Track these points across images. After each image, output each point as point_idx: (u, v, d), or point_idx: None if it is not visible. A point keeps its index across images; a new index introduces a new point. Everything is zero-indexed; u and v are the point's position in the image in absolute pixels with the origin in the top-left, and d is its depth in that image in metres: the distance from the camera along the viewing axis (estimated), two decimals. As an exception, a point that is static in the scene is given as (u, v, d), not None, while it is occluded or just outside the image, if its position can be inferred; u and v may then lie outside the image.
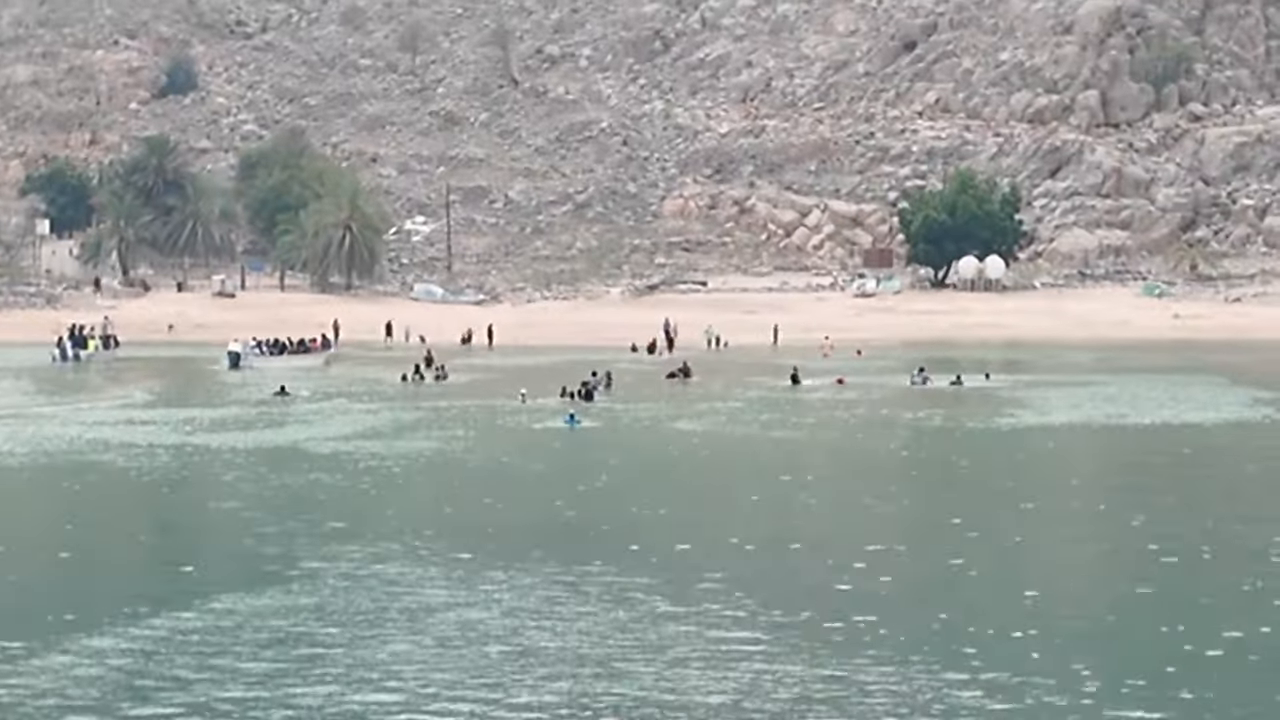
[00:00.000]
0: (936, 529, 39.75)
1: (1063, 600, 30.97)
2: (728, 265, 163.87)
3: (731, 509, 42.34)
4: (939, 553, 35.94)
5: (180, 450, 54.71)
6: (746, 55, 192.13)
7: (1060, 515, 42.31)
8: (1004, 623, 28.21)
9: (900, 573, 33.62)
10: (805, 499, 45.02)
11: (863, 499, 44.88)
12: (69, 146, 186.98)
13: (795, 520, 40.93)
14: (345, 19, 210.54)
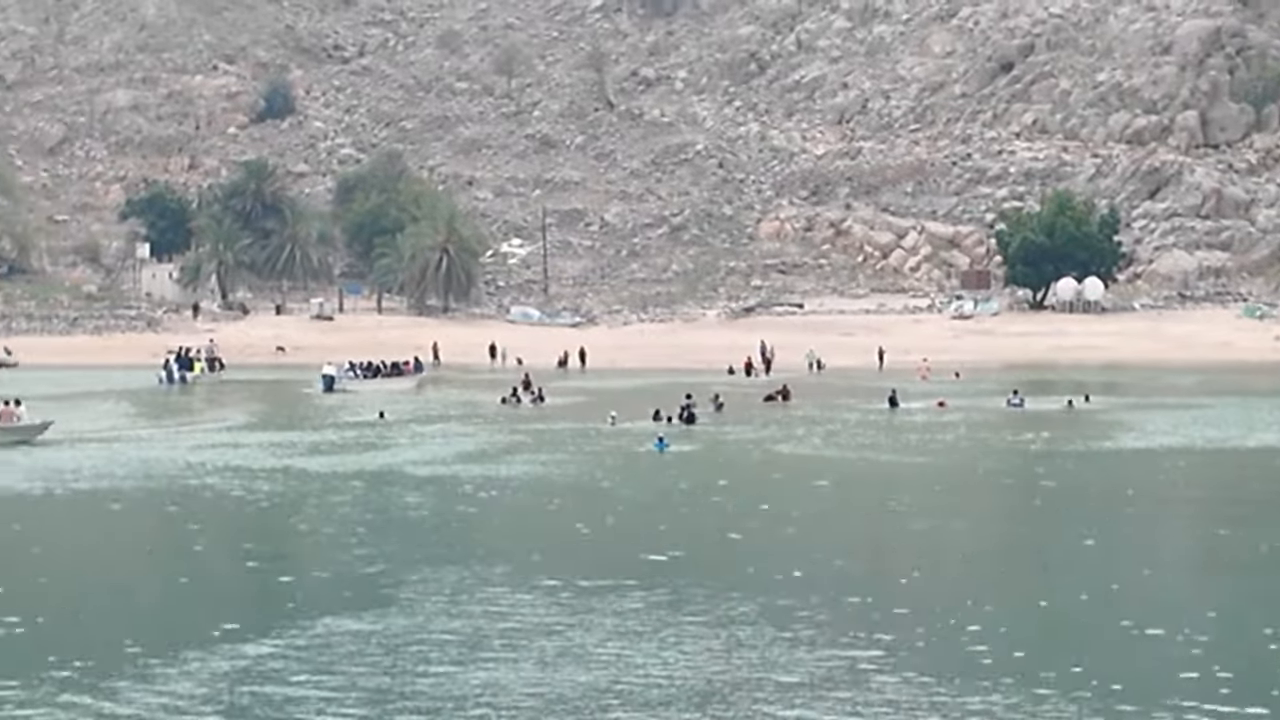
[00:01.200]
0: (1043, 555, 39.30)
1: (1191, 630, 30.41)
2: (824, 287, 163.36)
3: (832, 533, 42.01)
4: (1046, 580, 35.52)
5: (280, 473, 54.85)
6: (842, 77, 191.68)
7: (1178, 542, 41.77)
8: (1133, 658, 27.80)
9: (1010, 601, 33.24)
10: (907, 523, 44.60)
11: (967, 524, 44.43)
12: (168, 171, 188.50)
13: (897, 545, 40.58)
14: (442, 42, 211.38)
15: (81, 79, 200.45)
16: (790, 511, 46.93)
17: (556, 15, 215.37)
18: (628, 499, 49.45)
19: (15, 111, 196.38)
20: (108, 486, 51.73)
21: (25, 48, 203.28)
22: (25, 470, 55.45)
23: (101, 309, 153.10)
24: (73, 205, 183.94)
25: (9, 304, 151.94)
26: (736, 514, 46.04)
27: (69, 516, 46.38)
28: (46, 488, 51.05)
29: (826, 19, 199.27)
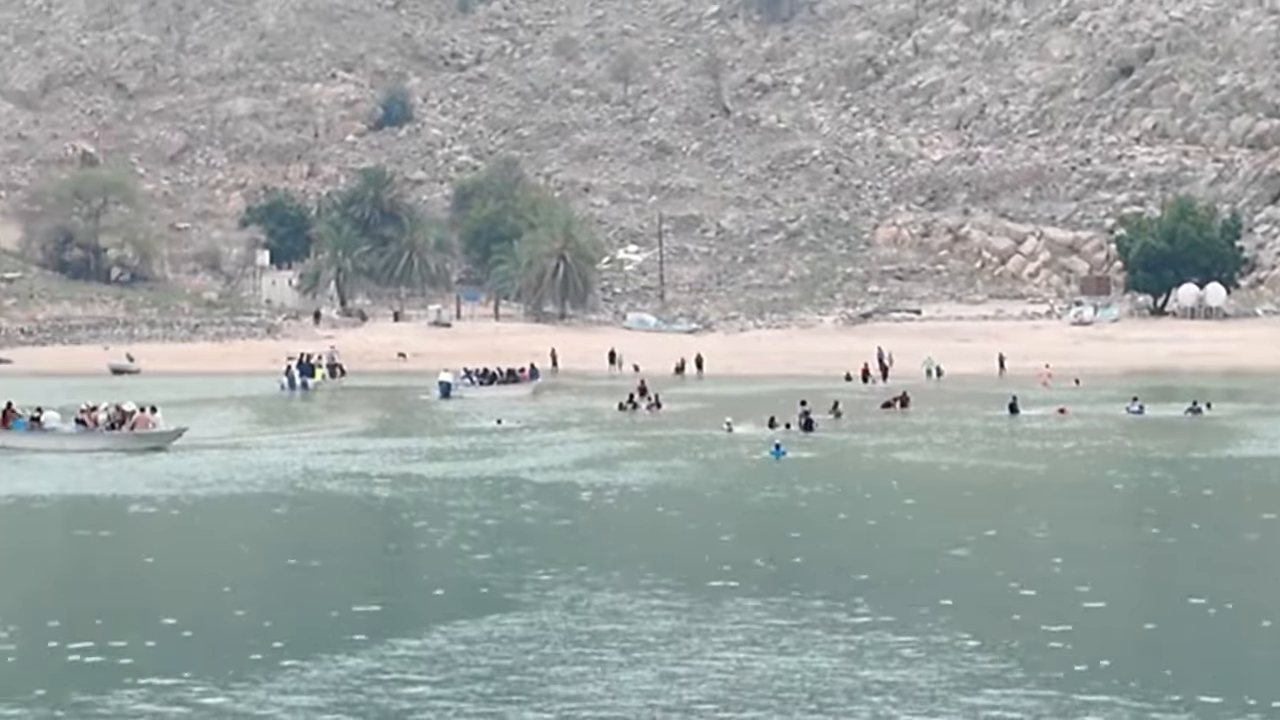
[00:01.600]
0: (1171, 562, 38.83)
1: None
2: (941, 293, 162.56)
3: (952, 541, 41.61)
4: (1175, 587, 35.08)
5: (398, 479, 55.02)
6: (960, 82, 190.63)
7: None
8: (1264, 669, 27.39)
9: (1139, 608, 32.84)
10: (1028, 530, 44.18)
11: (1089, 531, 43.91)
12: (288, 178, 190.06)
13: (1019, 552, 40.17)
14: (558, 50, 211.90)
15: (202, 88, 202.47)
16: (909, 519, 46.61)
17: (673, 22, 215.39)
18: (744, 506, 49.25)
19: (137, 120, 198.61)
20: (229, 492, 52.07)
21: (147, 57, 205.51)
22: (149, 476, 55.90)
23: (222, 316, 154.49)
24: (194, 213, 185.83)
25: (131, 311, 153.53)
26: (854, 521, 45.77)
27: (191, 522, 46.68)
28: (169, 494, 51.41)
29: (944, 24, 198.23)
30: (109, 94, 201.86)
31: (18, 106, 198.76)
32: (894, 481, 55.39)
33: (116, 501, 50.23)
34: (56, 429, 64.80)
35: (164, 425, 65.29)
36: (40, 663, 28.51)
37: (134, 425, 64.33)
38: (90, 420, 64.75)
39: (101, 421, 64.74)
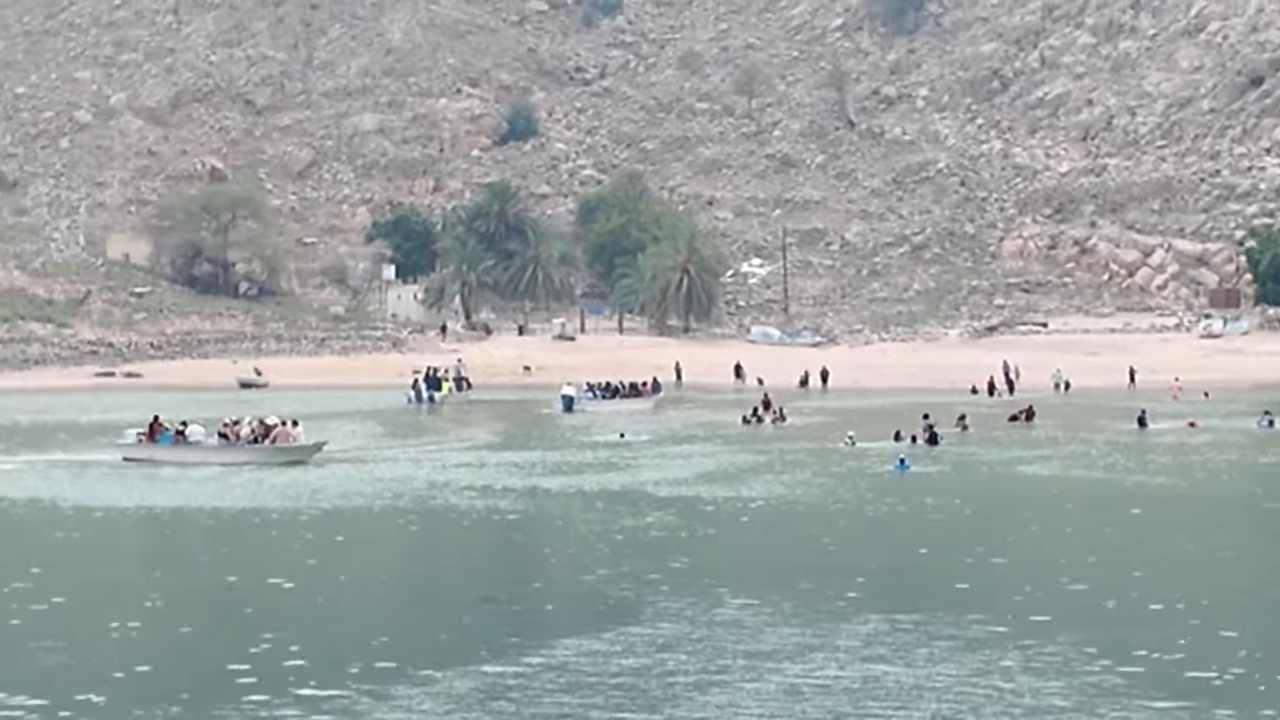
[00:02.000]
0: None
1: None
2: (1068, 306, 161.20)
3: (1080, 556, 41.18)
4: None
5: (522, 493, 55.16)
6: (1087, 93, 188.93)
7: None
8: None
9: (1268, 631, 32.36)
10: (1158, 545, 43.68)
11: (1221, 546, 43.34)
12: (413, 193, 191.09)
13: (1148, 568, 39.66)
14: (682, 63, 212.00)
15: (329, 103, 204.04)
16: (1036, 533, 46.22)
17: (797, 35, 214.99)
18: (868, 520, 48.99)
19: (265, 136, 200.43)
20: (356, 505, 52.36)
21: (275, 73, 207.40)
22: (278, 489, 56.34)
23: (348, 330, 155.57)
24: (320, 228, 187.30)
25: (259, 325, 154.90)
26: (980, 536, 45.40)
27: (319, 535, 46.95)
28: (297, 506, 51.79)
29: (1071, 35, 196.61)
30: (237, 110, 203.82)
31: (148, 123, 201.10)
32: (1020, 495, 54.99)
33: (246, 514, 50.64)
34: (201, 442, 65.52)
35: (305, 439, 65.78)
36: (177, 670, 28.78)
37: (275, 439, 64.91)
38: (233, 434, 65.48)
39: (244, 435, 65.40)
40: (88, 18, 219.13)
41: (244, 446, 64.78)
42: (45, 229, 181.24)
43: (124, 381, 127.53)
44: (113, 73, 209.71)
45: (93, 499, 53.73)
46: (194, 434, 65.97)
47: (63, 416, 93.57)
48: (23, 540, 46.67)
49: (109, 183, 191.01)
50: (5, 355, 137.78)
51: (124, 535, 48.39)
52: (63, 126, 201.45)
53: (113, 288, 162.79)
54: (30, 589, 36.97)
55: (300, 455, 64.22)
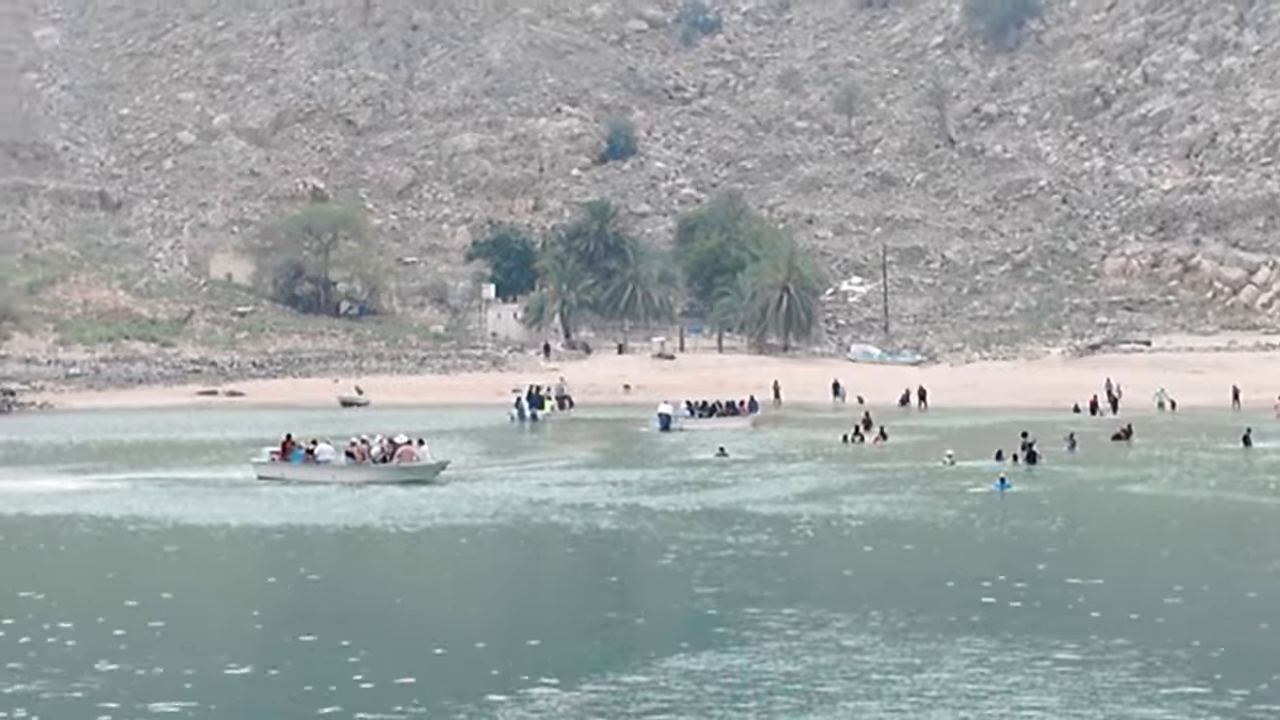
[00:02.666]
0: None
1: None
2: (1171, 324, 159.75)
3: (1185, 576, 40.70)
4: None
5: (621, 511, 55.07)
6: (1190, 110, 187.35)
7: None
8: None
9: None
10: (1265, 566, 43.07)
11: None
12: (513, 213, 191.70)
13: (1254, 589, 39.14)
14: (782, 82, 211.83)
15: (429, 123, 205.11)
16: (1140, 553, 45.74)
17: (897, 53, 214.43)
18: (968, 539, 48.61)
19: (366, 156, 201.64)
20: (457, 523, 52.39)
21: (376, 94, 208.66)
22: (376, 508, 56.52)
23: (448, 348, 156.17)
24: (421, 247, 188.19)
25: (360, 344, 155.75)
26: (1082, 555, 44.98)
27: (424, 551, 47.03)
28: (395, 525, 51.91)
29: (1174, 51, 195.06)
30: (339, 130, 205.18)
31: (250, 144, 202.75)
32: (1123, 515, 54.46)
33: (350, 532, 50.86)
34: (330, 461, 65.86)
35: (429, 458, 65.87)
36: (294, 683, 28.91)
37: (399, 458, 65.12)
38: (359, 453, 65.75)
39: (373, 454, 65.65)
40: (191, 39, 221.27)
41: (370, 465, 65.07)
42: (149, 249, 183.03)
43: (226, 400, 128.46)
44: (216, 94, 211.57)
45: (219, 516, 54.07)
46: (323, 453, 66.40)
47: (192, 435, 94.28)
48: (149, 554, 47.01)
49: (212, 203, 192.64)
50: (110, 374, 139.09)
51: (239, 550, 48.62)
52: (166, 148, 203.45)
53: (215, 307, 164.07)
54: (148, 600, 37.26)
55: (424, 474, 64.34)
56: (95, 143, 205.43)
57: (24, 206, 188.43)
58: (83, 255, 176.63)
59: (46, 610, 36.63)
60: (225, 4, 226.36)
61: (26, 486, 63.83)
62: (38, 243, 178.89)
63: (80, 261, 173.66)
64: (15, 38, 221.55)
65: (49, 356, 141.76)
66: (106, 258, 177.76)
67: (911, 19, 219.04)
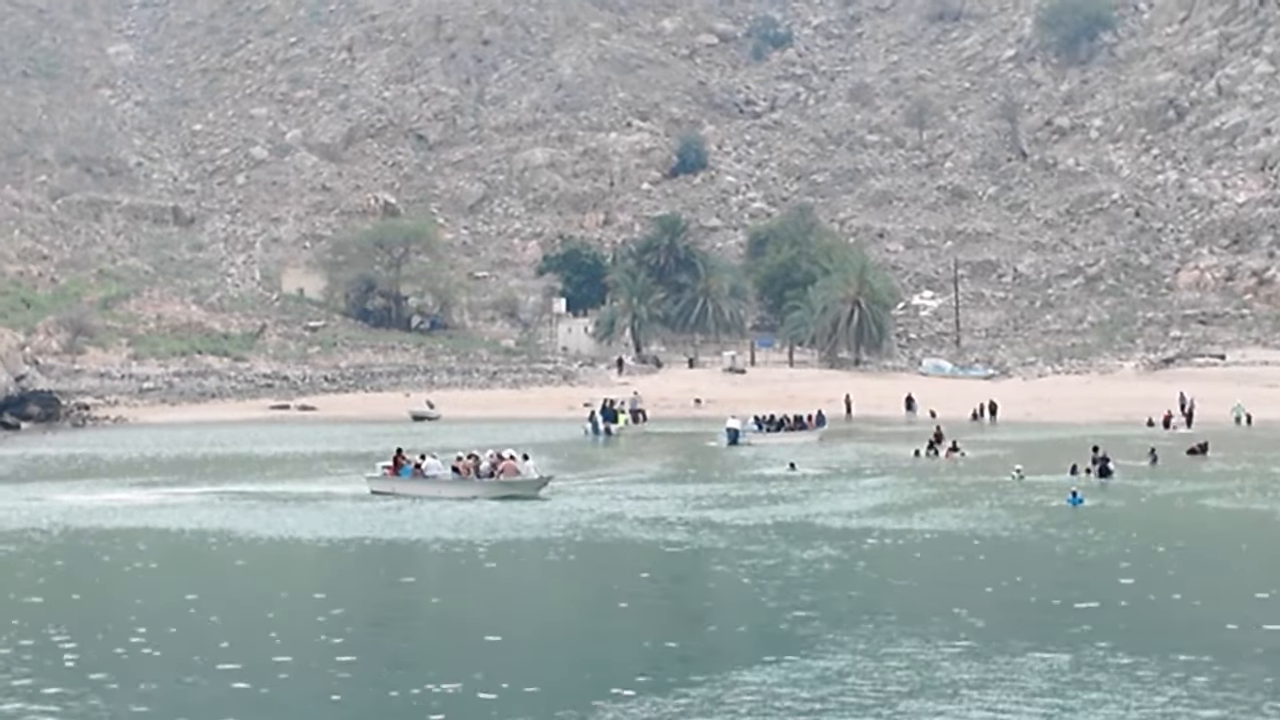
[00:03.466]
0: None
1: None
2: (1246, 338, 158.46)
3: (1267, 592, 40.23)
4: None
5: (693, 524, 54.89)
6: (1265, 122, 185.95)
7: None
8: None
9: None
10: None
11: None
12: (584, 227, 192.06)
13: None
14: (853, 96, 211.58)
15: (500, 138, 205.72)
16: (1220, 566, 45.30)
17: (969, 66, 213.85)
18: (1042, 553, 48.19)
19: (437, 171, 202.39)
20: (516, 539, 52.34)
21: (447, 109, 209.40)
22: (448, 521, 56.53)
23: (519, 363, 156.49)
24: (492, 262, 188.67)
25: (431, 358, 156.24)
26: (1162, 570, 44.54)
27: (499, 564, 46.99)
28: (456, 538, 51.91)
29: (1248, 64, 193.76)
30: (410, 145, 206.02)
31: (322, 159, 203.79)
32: (1202, 529, 53.98)
33: (420, 545, 50.91)
34: (437, 476, 65.82)
35: (533, 473, 65.62)
36: (386, 696, 28.91)
37: (502, 472, 64.98)
38: (464, 468, 65.69)
39: (480, 469, 65.51)
40: (264, 55, 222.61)
41: (474, 481, 64.96)
42: (222, 264, 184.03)
43: (298, 414, 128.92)
44: (288, 109, 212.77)
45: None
46: (430, 468, 66.35)
47: (286, 448, 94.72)
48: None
49: (284, 218, 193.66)
50: (183, 388, 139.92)
51: (338, 562, 48.76)
52: (239, 163, 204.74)
53: (287, 321, 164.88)
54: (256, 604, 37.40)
55: (525, 489, 64.04)
56: (168, 158, 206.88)
57: (98, 222, 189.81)
58: (156, 270, 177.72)
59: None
60: (298, 20, 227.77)
61: (146, 498, 64.54)
62: (112, 258, 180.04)
63: (154, 276, 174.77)
64: (90, 54, 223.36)
65: (123, 371, 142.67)
66: (180, 272, 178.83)
67: (983, 32, 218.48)
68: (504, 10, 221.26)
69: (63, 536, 53.28)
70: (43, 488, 69.90)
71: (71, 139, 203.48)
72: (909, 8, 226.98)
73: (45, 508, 61.11)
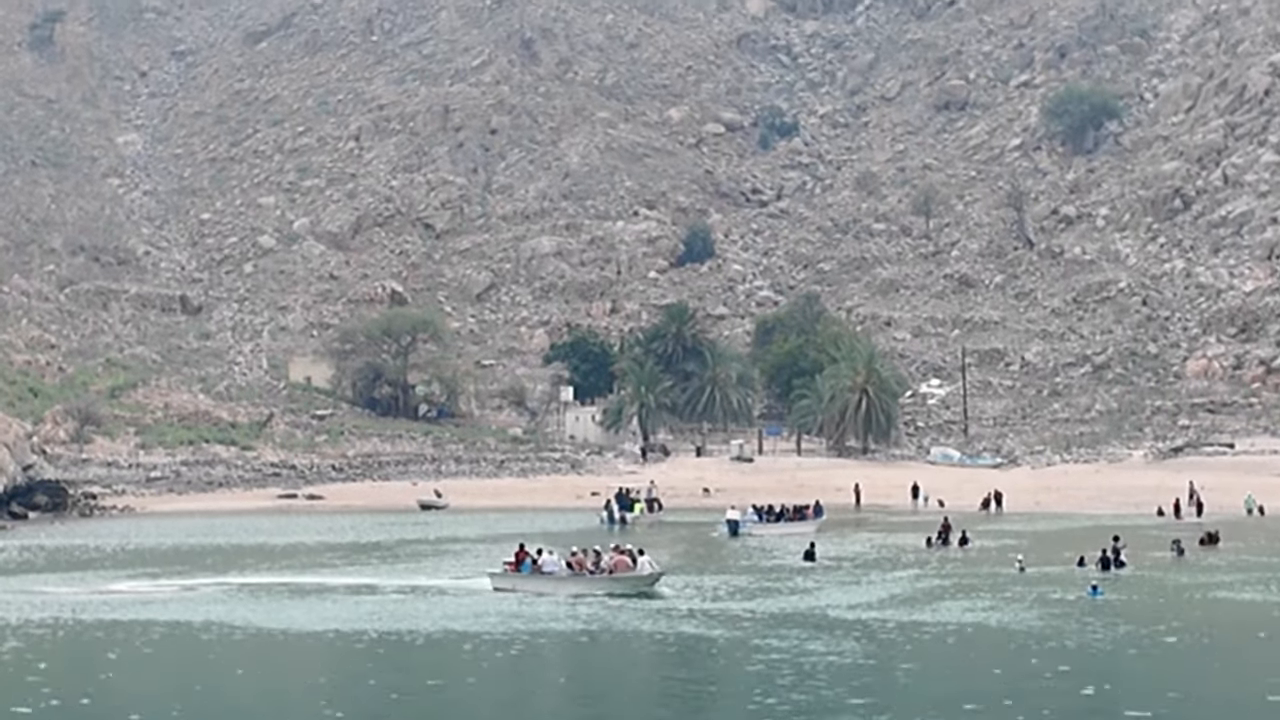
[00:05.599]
0: None
1: None
2: (1254, 426, 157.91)
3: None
4: None
5: (703, 615, 54.61)
6: (1271, 212, 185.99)
7: None
8: None
9: None
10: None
11: None
12: (591, 315, 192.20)
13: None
14: (859, 184, 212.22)
15: (508, 226, 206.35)
16: (1248, 660, 45.00)
17: (975, 155, 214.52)
18: (1065, 647, 47.81)
19: (444, 259, 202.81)
20: (511, 629, 52.09)
21: (454, 197, 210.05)
22: (450, 615, 56.27)
23: (527, 451, 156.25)
24: (499, 350, 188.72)
25: (438, 447, 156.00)
26: (1188, 664, 44.23)
27: (501, 658, 46.72)
28: (490, 628, 51.65)
29: (1254, 153, 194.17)
30: (417, 234, 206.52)
31: (329, 247, 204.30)
32: (1221, 622, 53.60)
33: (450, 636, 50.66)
34: (555, 572, 64.54)
35: (647, 568, 64.23)
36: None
37: (613, 569, 63.87)
38: (578, 564, 64.69)
39: (600, 565, 64.42)
40: (271, 145, 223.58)
41: (587, 577, 63.84)
42: (229, 353, 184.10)
43: (306, 504, 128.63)
44: (296, 198, 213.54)
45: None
46: (547, 564, 64.95)
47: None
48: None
49: (291, 307, 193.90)
50: (191, 477, 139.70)
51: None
52: (247, 252, 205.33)
53: (295, 410, 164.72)
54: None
55: (638, 585, 62.80)
56: (176, 247, 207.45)
57: (106, 311, 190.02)
58: (164, 359, 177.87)
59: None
60: (305, 110, 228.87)
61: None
62: (119, 347, 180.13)
63: (161, 365, 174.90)
64: (99, 144, 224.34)
65: (130, 460, 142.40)
66: (187, 361, 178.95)
67: (989, 121, 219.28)
68: (511, 100, 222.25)
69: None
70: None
71: (80, 228, 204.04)
72: (915, 97, 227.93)
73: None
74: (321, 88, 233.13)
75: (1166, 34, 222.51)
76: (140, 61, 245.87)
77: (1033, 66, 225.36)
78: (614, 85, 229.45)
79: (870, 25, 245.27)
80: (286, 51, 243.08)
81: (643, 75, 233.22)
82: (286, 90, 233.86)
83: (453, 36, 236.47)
